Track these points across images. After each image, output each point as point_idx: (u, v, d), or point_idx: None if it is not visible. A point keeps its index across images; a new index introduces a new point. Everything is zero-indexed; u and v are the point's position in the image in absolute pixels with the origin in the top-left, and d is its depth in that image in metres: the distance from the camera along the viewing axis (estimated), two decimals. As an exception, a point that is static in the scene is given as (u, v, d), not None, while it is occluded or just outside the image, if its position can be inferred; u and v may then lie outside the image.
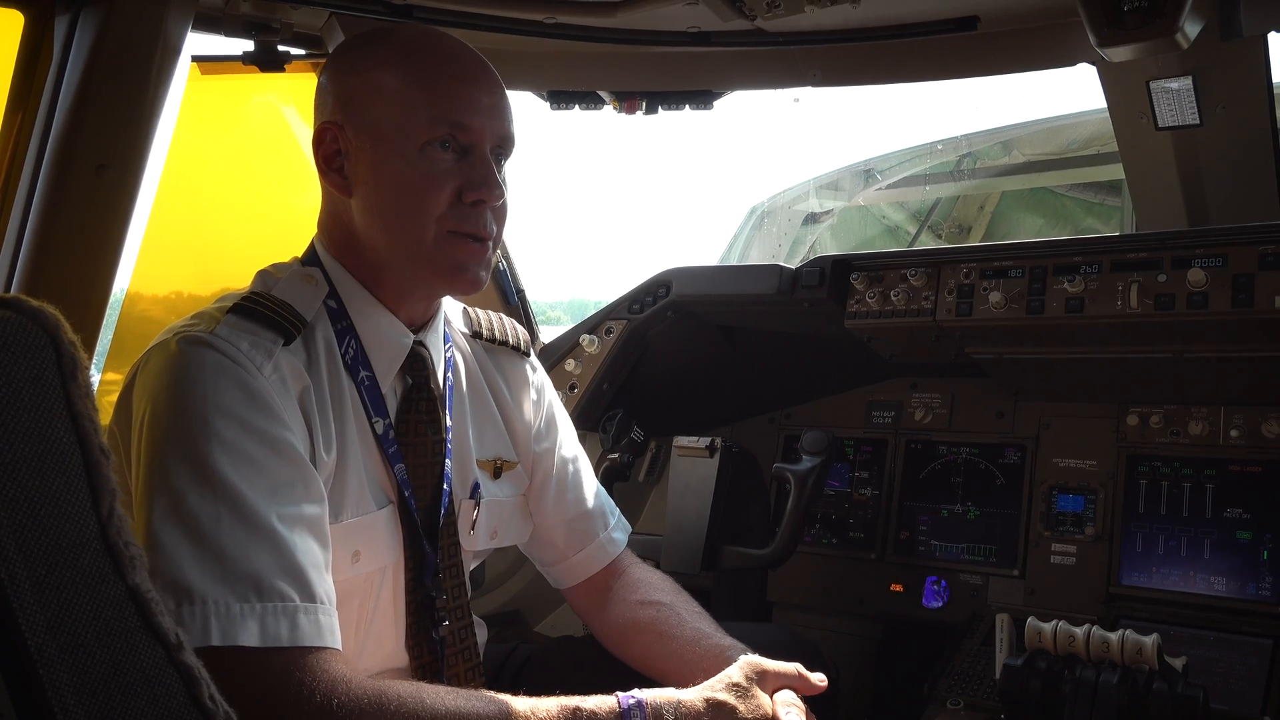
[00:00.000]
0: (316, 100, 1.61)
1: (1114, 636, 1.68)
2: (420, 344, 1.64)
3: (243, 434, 1.33)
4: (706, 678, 1.54)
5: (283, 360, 1.43)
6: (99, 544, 0.86)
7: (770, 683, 1.54)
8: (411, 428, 1.63)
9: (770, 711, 1.50)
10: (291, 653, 1.27)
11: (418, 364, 1.64)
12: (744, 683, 1.51)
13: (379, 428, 1.57)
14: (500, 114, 1.57)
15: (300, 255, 1.65)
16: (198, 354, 1.36)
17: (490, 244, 1.58)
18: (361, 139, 1.53)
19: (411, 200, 1.51)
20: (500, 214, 1.59)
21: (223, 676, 0.94)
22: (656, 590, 1.87)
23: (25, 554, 0.80)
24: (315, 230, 1.67)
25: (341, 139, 1.54)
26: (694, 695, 1.48)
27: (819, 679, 1.59)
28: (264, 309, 1.45)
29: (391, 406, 1.61)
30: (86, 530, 0.85)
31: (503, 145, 1.58)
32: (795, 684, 1.56)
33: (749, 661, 1.55)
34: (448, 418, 1.69)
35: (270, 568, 1.28)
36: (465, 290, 1.60)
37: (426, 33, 1.61)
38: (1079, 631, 1.70)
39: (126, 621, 0.86)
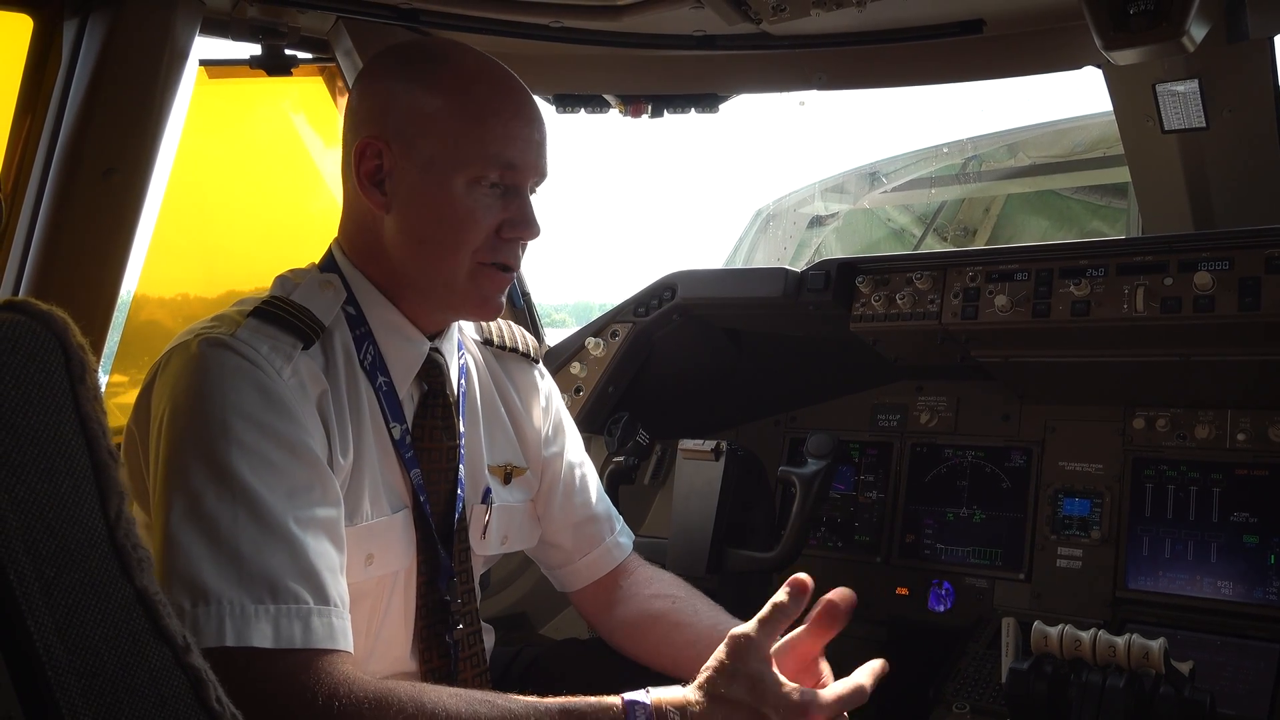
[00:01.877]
0: (356, 110, 1.59)
1: (1120, 641, 1.67)
2: (436, 351, 1.66)
3: (261, 437, 1.34)
4: None
5: (301, 364, 1.44)
6: (107, 546, 0.86)
7: (762, 650, 1.40)
8: (427, 433, 1.64)
9: (774, 683, 1.38)
10: (303, 654, 1.28)
11: (434, 371, 1.65)
12: (741, 665, 1.37)
13: (396, 433, 1.58)
14: (544, 151, 1.61)
15: (317, 261, 1.66)
16: (218, 356, 1.37)
17: (515, 272, 1.63)
18: (408, 162, 1.53)
19: (452, 233, 1.54)
20: (527, 245, 1.64)
21: (233, 676, 0.95)
22: (669, 585, 1.89)
23: (34, 556, 0.80)
24: (324, 234, 1.68)
25: (386, 156, 1.54)
26: (699, 695, 1.41)
27: (781, 594, 1.42)
28: (284, 313, 1.46)
29: (408, 412, 1.62)
30: (94, 532, 0.85)
31: (541, 179, 1.63)
32: (782, 620, 1.42)
33: (734, 642, 1.40)
34: (461, 424, 1.70)
35: (285, 569, 1.29)
36: (488, 318, 1.68)
37: (480, 61, 1.60)
38: (1085, 635, 1.70)
39: (134, 624, 0.86)
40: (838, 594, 1.47)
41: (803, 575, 1.43)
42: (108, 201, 2.16)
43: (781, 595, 1.42)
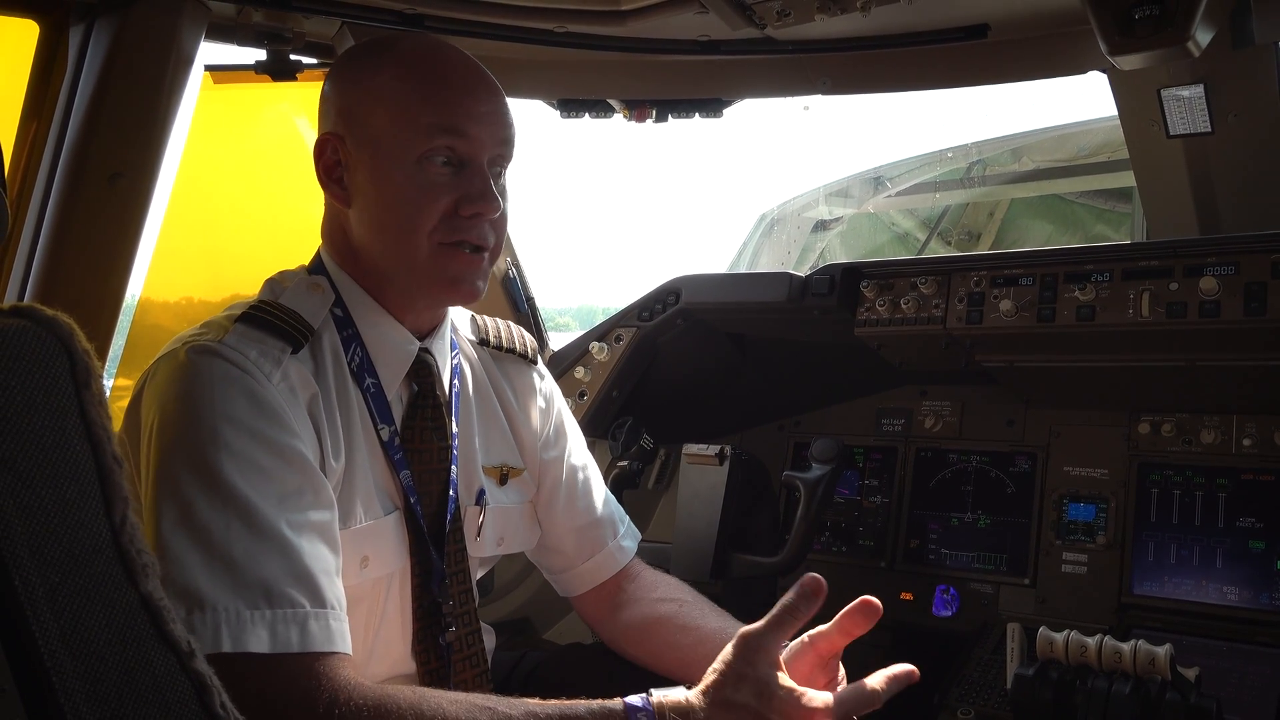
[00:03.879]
0: (319, 110, 1.62)
1: (1126, 647, 1.67)
2: (426, 351, 1.65)
3: (251, 442, 1.34)
4: None
5: (291, 368, 1.44)
6: (111, 551, 0.86)
7: (771, 653, 1.40)
8: (417, 434, 1.64)
9: (781, 689, 1.36)
10: (301, 658, 1.28)
11: (424, 371, 1.65)
12: (749, 669, 1.37)
13: (385, 434, 1.58)
14: (498, 121, 1.57)
15: (307, 264, 1.66)
16: (206, 363, 1.37)
17: (488, 253, 1.59)
18: (360, 151, 1.53)
19: (407, 213, 1.52)
20: (499, 224, 1.59)
21: (232, 682, 0.95)
22: (675, 589, 1.88)
23: (39, 561, 0.80)
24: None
25: (341, 150, 1.55)
26: (702, 699, 1.40)
27: (791, 595, 1.41)
28: (272, 317, 1.46)
29: (398, 413, 1.62)
30: (99, 538, 0.85)
31: (501, 154, 1.59)
32: (791, 623, 1.42)
33: (743, 644, 1.39)
34: (454, 424, 1.70)
35: (280, 574, 1.29)
36: (463, 301, 1.62)
37: (425, 44, 1.61)
38: (1091, 641, 1.69)
39: (138, 629, 0.86)
40: (872, 600, 1.45)
41: (816, 575, 1.42)
42: (113, 206, 2.17)
43: (791, 596, 1.40)
